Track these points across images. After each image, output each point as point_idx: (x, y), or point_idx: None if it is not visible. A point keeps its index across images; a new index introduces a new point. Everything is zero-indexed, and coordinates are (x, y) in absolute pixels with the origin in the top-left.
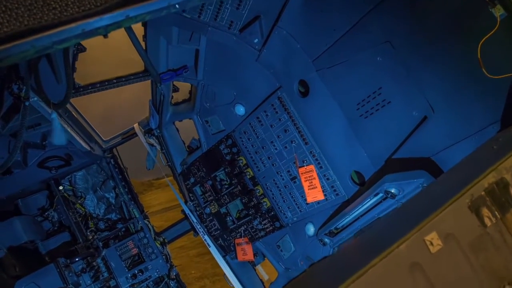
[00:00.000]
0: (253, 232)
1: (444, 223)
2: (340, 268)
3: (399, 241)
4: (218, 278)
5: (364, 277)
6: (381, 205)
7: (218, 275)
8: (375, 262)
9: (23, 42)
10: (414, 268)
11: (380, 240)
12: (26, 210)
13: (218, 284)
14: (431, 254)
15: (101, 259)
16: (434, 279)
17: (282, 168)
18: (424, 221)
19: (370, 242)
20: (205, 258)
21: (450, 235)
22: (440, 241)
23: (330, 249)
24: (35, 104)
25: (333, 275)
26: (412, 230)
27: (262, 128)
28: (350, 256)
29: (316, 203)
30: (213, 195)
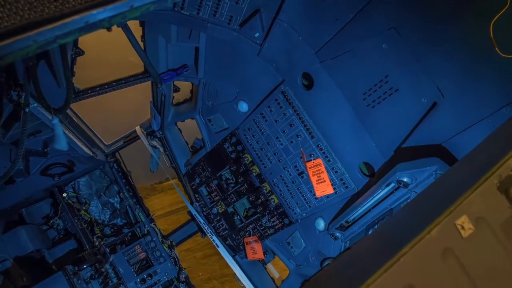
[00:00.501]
0: (262, 230)
1: (474, 206)
2: (368, 259)
3: (429, 227)
4: (227, 279)
5: (397, 266)
6: (394, 195)
7: (227, 276)
8: (405, 251)
9: (25, 37)
10: (446, 254)
11: (407, 227)
12: (31, 219)
13: (227, 285)
14: (463, 239)
15: (109, 265)
16: (467, 264)
17: (289, 163)
18: (453, 204)
19: (396, 231)
20: (212, 259)
21: (480, 218)
22: (471, 225)
23: (342, 243)
24: (35, 111)
25: (362, 267)
26: (442, 215)
27: (267, 124)
28: (377, 246)
29: (325, 197)
30: (219, 194)
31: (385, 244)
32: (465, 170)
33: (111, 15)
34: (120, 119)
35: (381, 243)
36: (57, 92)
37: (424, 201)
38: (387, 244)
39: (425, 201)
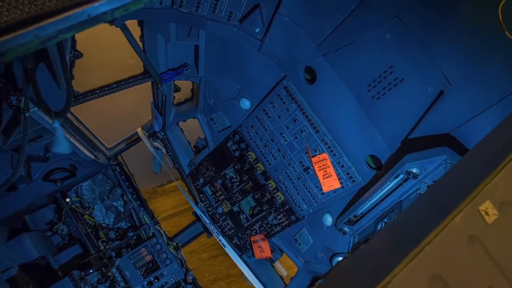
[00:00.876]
0: (269, 228)
1: (497, 191)
2: (390, 251)
3: (452, 214)
4: (233, 280)
5: (421, 256)
6: (402, 187)
7: (233, 276)
8: (429, 239)
9: (26, 32)
10: (472, 241)
11: (429, 216)
12: (35, 225)
13: (234, 285)
14: (487, 225)
15: (115, 269)
16: (493, 251)
17: (293, 159)
18: (475, 190)
19: (417, 221)
20: (217, 260)
21: (504, 202)
22: (495, 210)
23: (351, 238)
24: (35, 116)
25: (384, 258)
26: (465, 201)
27: (270, 120)
28: (398, 237)
29: (332, 192)
30: (224, 194)
31: (407, 234)
32: (484, 155)
33: (114, 7)
34: (120, 122)
35: (402, 234)
36: (57, 95)
37: (442, 189)
38: (409, 234)
39: (444, 189)
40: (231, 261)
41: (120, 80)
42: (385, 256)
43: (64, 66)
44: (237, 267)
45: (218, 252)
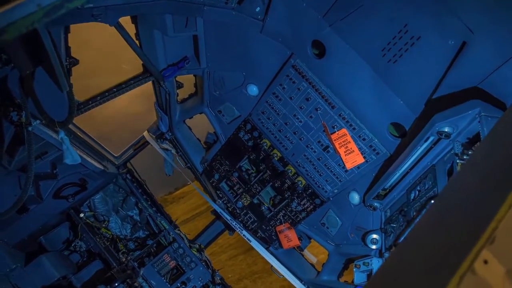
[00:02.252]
0: (293, 216)
1: None
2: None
3: None
4: (257, 276)
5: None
6: (434, 150)
7: (257, 273)
8: None
9: (27, 1)
10: None
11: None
12: (51, 246)
13: (259, 282)
14: None
15: (142, 278)
16: None
17: (311, 140)
18: None
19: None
20: (238, 259)
21: None
22: None
23: (381, 213)
24: (38, 131)
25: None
26: None
27: (281, 103)
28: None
29: (356, 169)
30: (242, 187)
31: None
32: None
33: None
34: (123, 129)
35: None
36: (58, 105)
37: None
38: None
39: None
40: (252, 259)
41: (120, 83)
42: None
43: (63, 69)
44: (259, 264)
45: (237, 251)
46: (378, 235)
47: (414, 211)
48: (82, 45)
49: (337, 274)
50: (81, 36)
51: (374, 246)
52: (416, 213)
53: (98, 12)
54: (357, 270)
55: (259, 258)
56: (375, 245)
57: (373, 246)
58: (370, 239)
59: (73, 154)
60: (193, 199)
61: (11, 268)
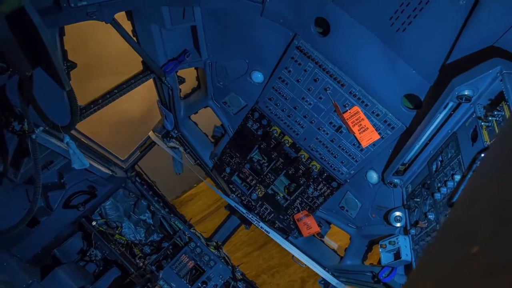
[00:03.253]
0: (311, 202)
1: None
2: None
3: None
4: (275, 270)
5: None
6: (454, 117)
7: (274, 267)
8: None
9: None
10: None
11: None
12: (66, 258)
13: (277, 276)
14: None
15: (163, 281)
16: None
17: (322, 122)
18: None
19: None
20: (253, 256)
21: None
22: None
23: (402, 189)
24: (41, 141)
25: None
26: None
27: (288, 87)
28: None
29: (371, 146)
30: (255, 178)
31: None
32: None
33: None
34: (126, 131)
35: None
36: (59, 112)
37: None
38: None
39: None
40: (267, 254)
41: (121, 83)
42: None
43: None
44: (275, 258)
45: (252, 248)
46: (401, 212)
47: (438, 182)
48: (75, 48)
49: (361, 257)
50: (74, 39)
51: (398, 224)
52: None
53: (92, 9)
54: (383, 250)
55: (275, 252)
56: (399, 223)
57: (397, 224)
58: (393, 218)
59: (81, 158)
60: (201, 201)
61: (27, 284)
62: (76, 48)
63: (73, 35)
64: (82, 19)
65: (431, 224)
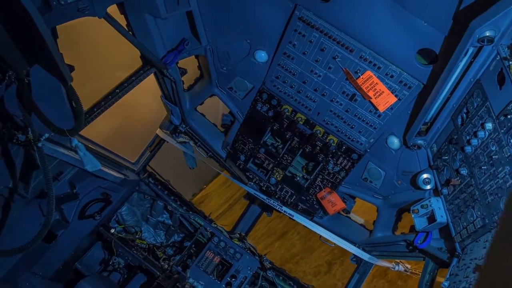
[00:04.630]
0: (332, 178)
1: None
2: None
3: None
4: (299, 258)
5: None
6: (476, 62)
7: (297, 255)
8: None
9: None
10: None
11: None
12: (88, 270)
13: (302, 262)
14: None
15: (192, 279)
16: None
17: (334, 93)
18: None
19: None
20: (275, 246)
21: None
22: None
23: (427, 149)
24: (48, 151)
25: None
26: None
27: (295, 61)
28: None
29: (389, 110)
30: (271, 161)
31: None
32: None
33: None
34: (129, 134)
35: None
36: (62, 118)
37: None
38: None
39: None
40: (288, 242)
41: (122, 82)
42: None
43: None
44: (297, 245)
45: (272, 239)
46: (429, 174)
47: (466, 135)
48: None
49: (391, 228)
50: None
51: (428, 186)
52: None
53: (84, 5)
54: (416, 215)
55: (296, 239)
56: (428, 185)
57: (427, 187)
58: (421, 181)
59: (92, 160)
60: (213, 201)
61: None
62: (69, 50)
63: (62, 38)
64: (74, 17)
65: (464, 179)
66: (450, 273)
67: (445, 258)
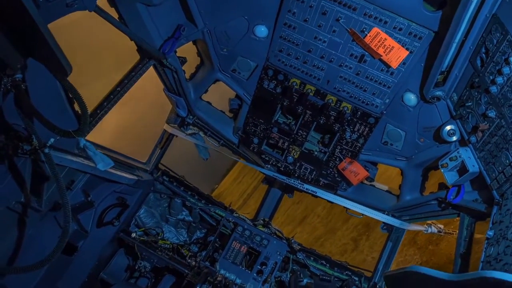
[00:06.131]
0: (351, 147)
1: None
2: None
3: None
4: (323, 240)
5: None
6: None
7: (321, 237)
8: None
9: None
10: None
11: None
12: (114, 279)
13: (327, 244)
14: None
15: (223, 270)
16: None
17: (342, 57)
18: None
19: None
20: (297, 232)
21: None
22: None
23: (446, 100)
24: (56, 160)
25: None
26: None
27: (297, 31)
28: None
29: (401, 66)
30: (286, 139)
31: None
32: None
33: None
34: (134, 134)
35: None
36: (64, 120)
37: None
38: None
39: None
40: (310, 227)
41: (122, 79)
42: None
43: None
44: (319, 228)
45: (292, 225)
46: (452, 125)
47: (489, 75)
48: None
49: (419, 189)
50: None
51: (453, 137)
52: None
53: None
54: (445, 169)
55: (317, 222)
56: (454, 136)
57: (453, 138)
58: (445, 133)
59: (103, 158)
60: (227, 199)
61: None
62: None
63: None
64: (64, 13)
65: (493, 122)
66: (492, 222)
67: (483, 209)
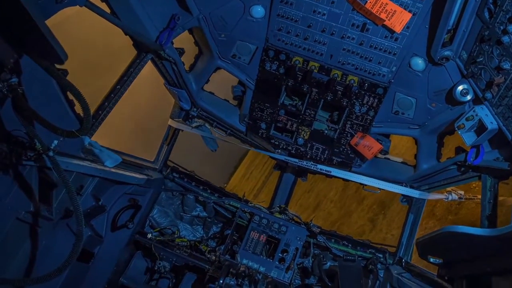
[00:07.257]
0: (362, 121)
1: None
2: None
3: None
4: (339, 224)
5: None
6: None
7: (337, 221)
8: None
9: None
10: None
11: None
12: (134, 282)
13: (343, 227)
14: None
15: (245, 260)
16: None
17: (343, 28)
18: None
19: None
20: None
21: None
22: None
23: (455, 60)
24: (62, 165)
25: None
26: None
27: (294, 7)
28: None
29: (405, 30)
30: (294, 121)
31: None
32: None
33: None
34: (137, 134)
35: None
36: (65, 121)
37: None
38: None
39: None
40: (324, 213)
41: (120, 77)
42: None
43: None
44: (334, 213)
45: (307, 213)
46: (465, 84)
47: (500, 25)
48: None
49: (435, 156)
50: None
51: (468, 97)
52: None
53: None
54: (463, 130)
55: (331, 207)
56: (468, 95)
57: (468, 97)
58: (458, 93)
59: (110, 155)
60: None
61: None
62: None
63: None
64: (55, 10)
65: (509, 74)
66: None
67: (506, 167)
